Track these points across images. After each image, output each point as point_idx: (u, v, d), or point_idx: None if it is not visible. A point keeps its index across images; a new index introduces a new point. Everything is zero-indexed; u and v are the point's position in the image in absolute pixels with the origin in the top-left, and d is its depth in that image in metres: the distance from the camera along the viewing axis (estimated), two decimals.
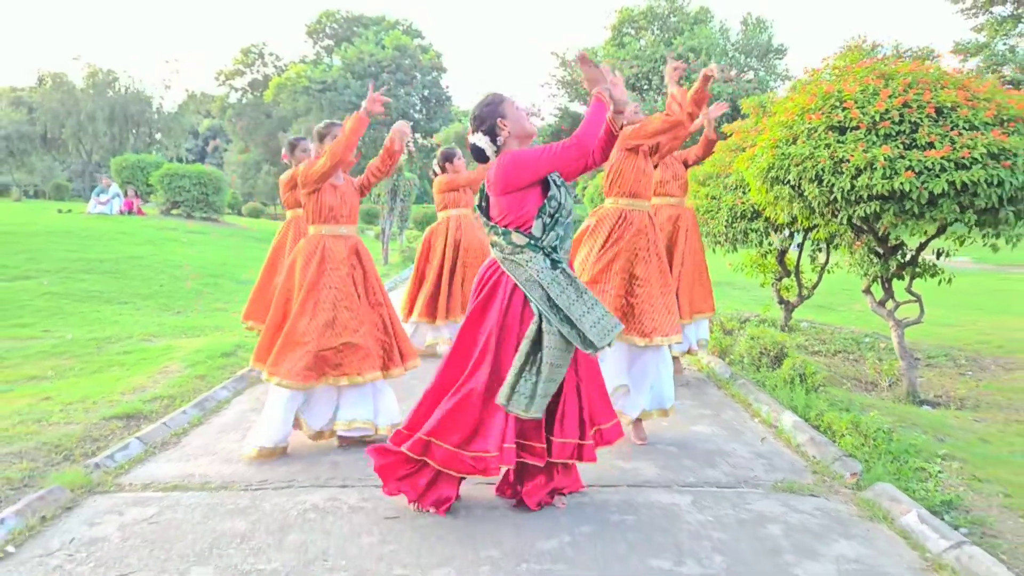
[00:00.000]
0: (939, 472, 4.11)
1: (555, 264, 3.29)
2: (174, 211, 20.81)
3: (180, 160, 43.99)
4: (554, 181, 3.33)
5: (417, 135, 55.31)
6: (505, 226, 3.30)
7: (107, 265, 11.70)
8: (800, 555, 3.10)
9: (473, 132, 3.43)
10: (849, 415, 4.44)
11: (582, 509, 3.51)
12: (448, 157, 7.17)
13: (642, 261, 4.48)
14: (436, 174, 7.22)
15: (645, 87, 38.55)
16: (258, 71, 55.46)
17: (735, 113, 28.08)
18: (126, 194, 20.94)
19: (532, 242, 3.26)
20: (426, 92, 53.99)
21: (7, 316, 8.34)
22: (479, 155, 3.46)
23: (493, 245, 3.38)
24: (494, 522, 3.36)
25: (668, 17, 40.24)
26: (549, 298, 3.20)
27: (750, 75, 38.35)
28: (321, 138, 4.45)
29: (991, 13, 34.83)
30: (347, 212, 4.42)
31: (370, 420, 4.37)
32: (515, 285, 3.29)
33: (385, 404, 4.44)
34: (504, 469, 3.35)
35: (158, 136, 45.47)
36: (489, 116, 3.38)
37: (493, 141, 3.40)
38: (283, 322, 4.32)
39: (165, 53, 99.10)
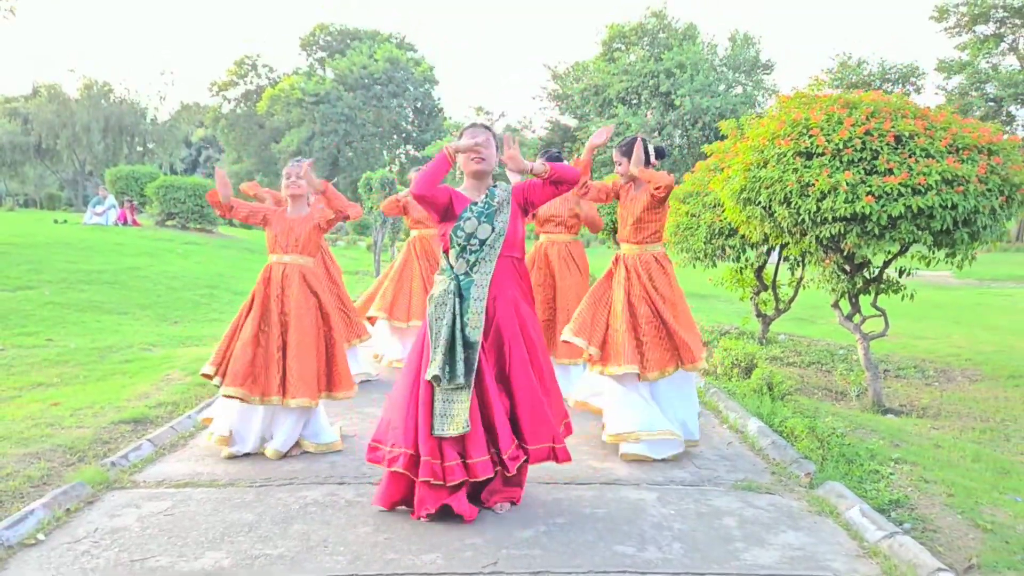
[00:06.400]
0: (891, 474, 4.45)
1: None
2: (169, 222, 21.09)
3: (173, 170, 44.23)
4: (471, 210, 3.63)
5: (409, 147, 55.79)
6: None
7: (106, 276, 11.97)
8: (750, 543, 3.45)
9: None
10: (807, 420, 4.80)
11: (558, 503, 3.85)
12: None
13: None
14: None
15: (634, 101, 39.14)
16: (251, 82, 55.82)
17: (716, 134, 28.48)
18: (121, 205, 21.22)
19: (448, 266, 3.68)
20: (418, 104, 54.46)
21: (12, 325, 8.62)
22: None
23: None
24: (478, 516, 3.68)
25: (657, 33, 40.91)
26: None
27: (738, 90, 39.01)
28: None
29: (974, 32, 35.58)
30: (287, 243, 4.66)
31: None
32: None
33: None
34: None
35: (151, 146, 45.72)
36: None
37: None
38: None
39: (160, 64, 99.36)
